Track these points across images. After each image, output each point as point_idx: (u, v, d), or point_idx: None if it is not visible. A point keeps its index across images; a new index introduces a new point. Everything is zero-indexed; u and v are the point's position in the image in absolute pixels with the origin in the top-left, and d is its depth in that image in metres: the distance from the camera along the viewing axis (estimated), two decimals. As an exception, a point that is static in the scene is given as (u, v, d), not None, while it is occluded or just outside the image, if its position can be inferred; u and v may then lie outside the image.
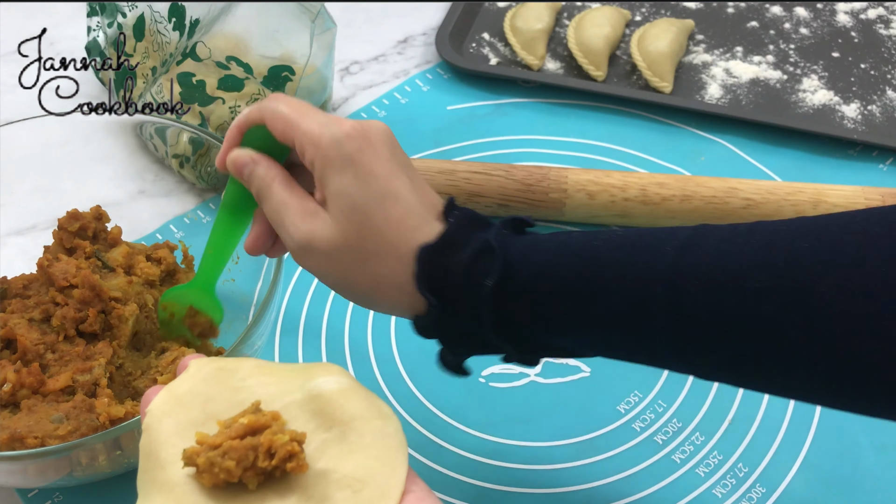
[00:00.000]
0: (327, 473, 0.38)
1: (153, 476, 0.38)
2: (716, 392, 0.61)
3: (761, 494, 0.56)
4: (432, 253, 0.45)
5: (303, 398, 0.40)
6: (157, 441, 0.39)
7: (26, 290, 0.59)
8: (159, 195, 0.72)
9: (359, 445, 0.38)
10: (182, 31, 0.70)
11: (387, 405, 0.40)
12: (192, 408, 0.40)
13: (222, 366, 0.42)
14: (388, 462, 0.38)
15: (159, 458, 0.39)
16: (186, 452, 0.37)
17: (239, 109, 0.70)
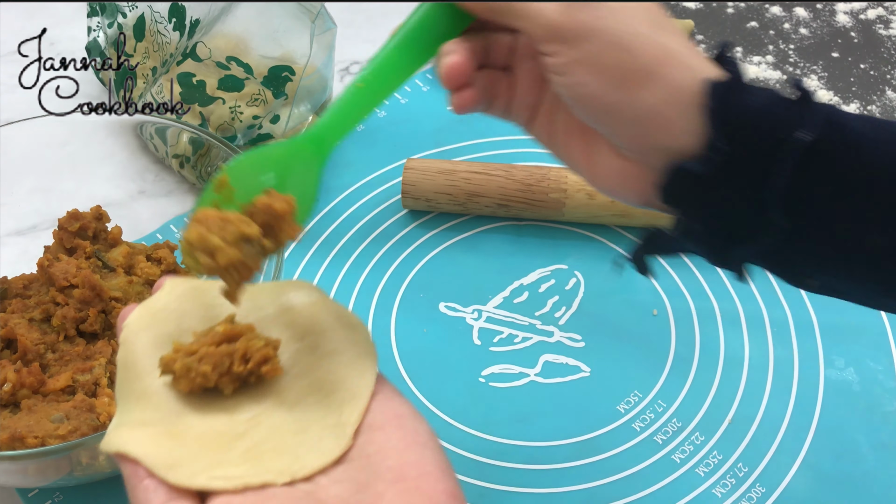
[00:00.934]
0: (300, 379, 0.39)
1: (131, 387, 0.39)
2: (716, 392, 0.61)
3: (761, 494, 0.56)
4: (725, 88, 0.37)
5: (275, 312, 0.41)
6: (134, 353, 0.40)
7: (27, 290, 0.59)
8: (159, 195, 0.72)
9: (330, 353, 0.40)
10: (182, 31, 0.70)
11: (356, 316, 0.41)
12: (167, 322, 0.41)
13: (197, 285, 0.42)
14: (358, 367, 0.39)
15: (136, 368, 0.39)
16: (163, 360, 0.38)
17: (239, 110, 0.70)
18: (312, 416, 0.38)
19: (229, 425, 0.38)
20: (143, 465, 0.36)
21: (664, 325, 0.65)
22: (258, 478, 0.36)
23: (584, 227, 0.71)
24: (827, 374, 0.62)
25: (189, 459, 0.36)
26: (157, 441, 0.37)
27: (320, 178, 0.44)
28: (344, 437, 0.37)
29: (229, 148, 0.60)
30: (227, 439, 0.37)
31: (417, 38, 0.43)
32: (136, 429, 0.37)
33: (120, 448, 0.36)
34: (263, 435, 0.37)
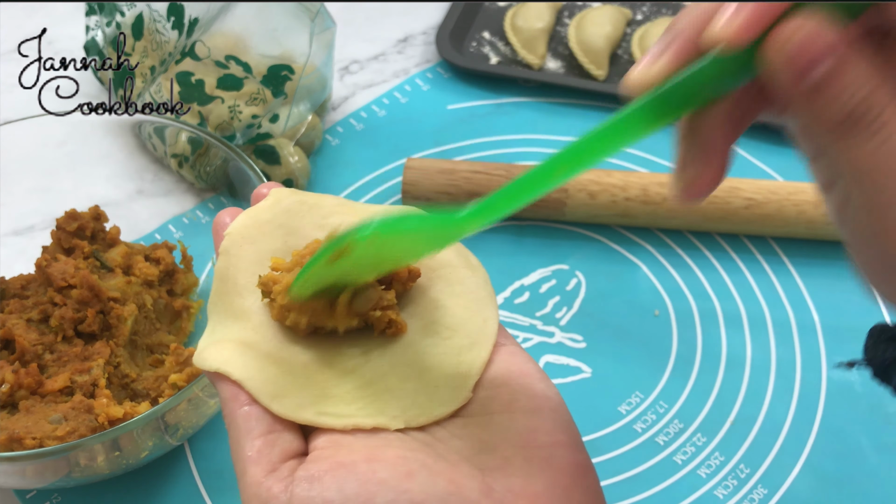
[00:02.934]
0: (416, 318, 0.36)
1: (230, 302, 0.36)
2: (717, 393, 0.61)
3: (763, 495, 0.56)
4: None
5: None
6: (236, 266, 0.37)
7: (24, 290, 0.58)
8: (158, 195, 0.71)
9: (447, 293, 0.37)
10: (181, 30, 0.70)
11: (474, 256, 0.38)
12: (273, 238, 0.38)
13: (304, 199, 0.39)
14: (480, 313, 0.36)
15: (237, 283, 0.36)
16: (262, 280, 0.36)
17: (238, 109, 0.70)
18: (429, 361, 0.35)
19: (338, 358, 0.35)
20: (246, 389, 0.33)
21: (666, 325, 0.65)
22: (370, 419, 0.33)
23: (585, 227, 0.70)
24: (829, 375, 0.62)
25: (295, 390, 0.34)
26: (260, 365, 0.34)
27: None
28: (464, 388, 0.34)
29: (228, 147, 0.60)
30: (337, 373, 0.35)
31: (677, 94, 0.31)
32: (238, 349, 0.35)
33: (221, 367, 0.34)
34: (375, 373, 0.35)
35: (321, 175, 0.75)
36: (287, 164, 0.71)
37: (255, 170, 0.59)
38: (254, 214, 0.38)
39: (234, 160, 0.60)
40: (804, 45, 0.26)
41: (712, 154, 0.32)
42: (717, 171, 0.32)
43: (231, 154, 0.60)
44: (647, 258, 0.68)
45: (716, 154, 0.32)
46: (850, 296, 0.66)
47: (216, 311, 0.37)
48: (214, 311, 0.37)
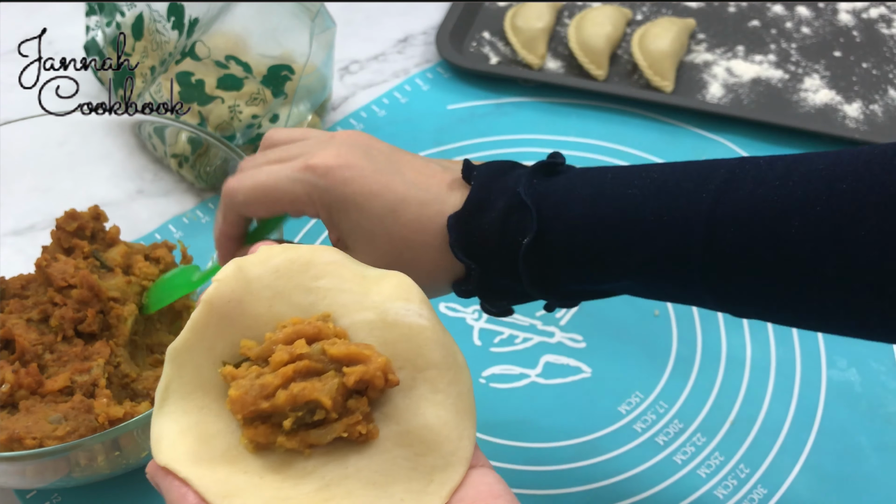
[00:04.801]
0: (389, 423, 0.34)
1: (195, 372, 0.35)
2: (717, 393, 0.61)
3: (763, 495, 0.56)
4: (461, 220, 0.45)
5: (376, 319, 0.36)
6: (215, 328, 0.35)
7: (24, 290, 0.58)
8: (158, 195, 0.71)
9: (429, 402, 0.35)
10: (181, 30, 0.70)
11: (461, 353, 0.37)
12: (258, 301, 0.36)
13: (295, 257, 0.37)
14: (457, 426, 0.35)
15: (211, 349, 0.35)
16: (223, 371, 0.34)
17: (238, 109, 0.70)
18: (396, 475, 0.34)
19: (298, 457, 0.34)
20: (194, 487, 0.33)
21: (665, 325, 0.65)
22: None
23: (584, 226, 0.70)
24: (829, 375, 0.62)
25: (249, 490, 0.33)
26: (213, 464, 0.33)
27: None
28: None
29: (229, 147, 0.60)
30: (295, 473, 0.34)
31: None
32: (192, 443, 0.34)
33: (170, 464, 0.33)
34: (336, 476, 0.34)
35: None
36: (287, 164, 0.71)
37: (255, 170, 0.59)
38: (244, 268, 0.36)
39: (234, 160, 0.60)
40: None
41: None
42: None
43: (231, 154, 0.60)
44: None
45: None
46: (849, 296, 0.66)
47: (180, 377, 0.35)
48: (179, 375, 0.35)
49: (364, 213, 0.45)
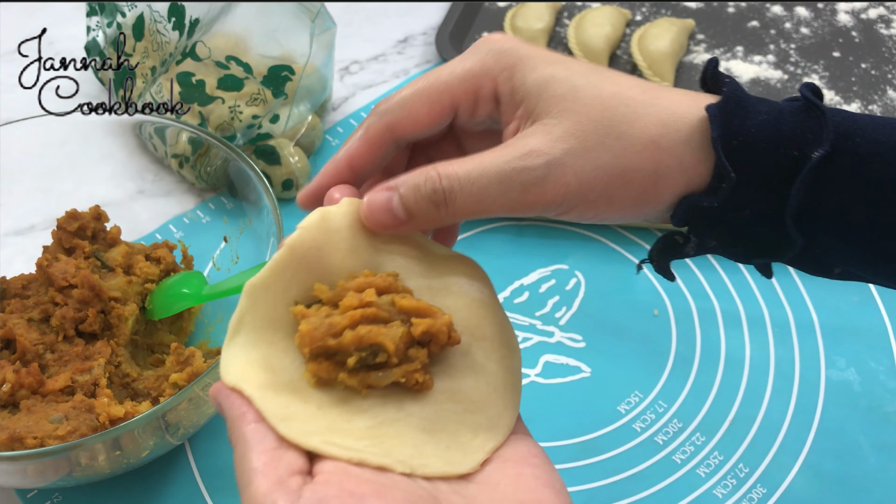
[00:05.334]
0: (443, 379, 0.37)
1: (266, 309, 0.37)
2: (716, 392, 0.61)
3: (762, 495, 0.56)
4: (724, 111, 0.36)
5: (440, 288, 0.38)
6: (293, 271, 0.37)
7: (25, 290, 0.59)
8: (158, 195, 0.71)
9: (481, 368, 0.37)
10: (181, 30, 0.70)
11: (515, 337, 0.39)
12: (335, 251, 0.37)
13: None
14: (504, 398, 0.37)
15: (282, 291, 0.37)
16: (294, 311, 0.36)
17: (238, 109, 0.70)
18: (445, 425, 0.36)
19: (355, 396, 0.36)
20: (257, 407, 0.34)
21: (665, 325, 0.65)
22: (377, 458, 0.34)
23: (584, 227, 0.70)
24: (828, 375, 0.62)
25: (306, 417, 0.35)
26: (276, 389, 0.35)
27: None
28: (473, 459, 0.35)
29: (229, 148, 0.60)
30: (350, 409, 0.35)
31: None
32: (258, 370, 0.35)
33: (238, 384, 0.35)
34: (389, 418, 0.35)
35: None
36: (287, 164, 0.71)
37: (256, 170, 0.59)
38: (327, 217, 0.38)
39: (234, 160, 0.60)
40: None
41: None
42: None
43: (231, 154, 0.60)
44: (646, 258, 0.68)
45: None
46: (849, 296, 0.66)
47: (253, 312, 0.37)
48: (252, 311, 0.37)
49: (558, 66, 0.38)
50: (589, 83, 0.37)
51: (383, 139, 0.40)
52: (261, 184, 0.58)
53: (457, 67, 0.39)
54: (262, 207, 0.59)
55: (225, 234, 0.65)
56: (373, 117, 0.40)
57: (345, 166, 0.40)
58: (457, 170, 0.37)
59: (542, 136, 0.37)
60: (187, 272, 0.62)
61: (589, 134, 0.36)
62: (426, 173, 0.37)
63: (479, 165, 0.37)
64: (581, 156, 0.36)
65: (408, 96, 0.39)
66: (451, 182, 0.37)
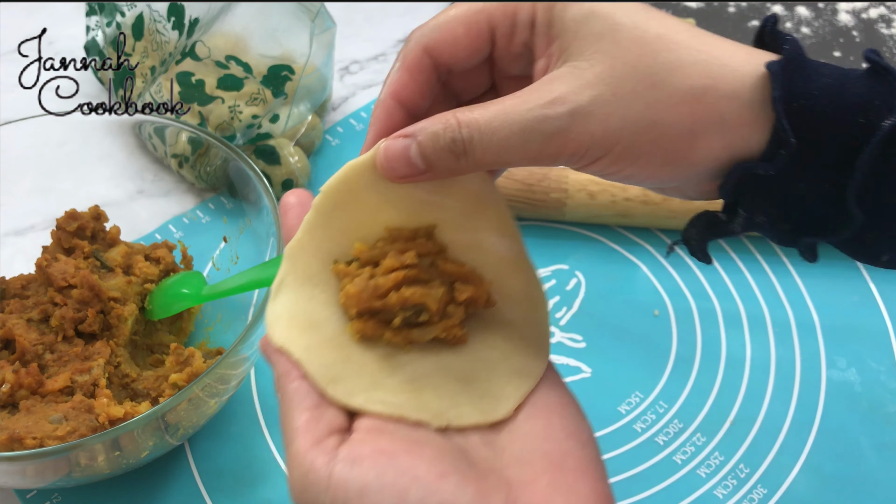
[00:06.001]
0: (475, 332, 0.39)
1: (307, 262, 0.38)
2: (717, 392, 0.61)
3: (763, 495, 0.56)
4: (786, 70, 0.33)
5: (470, 242, 0.39)
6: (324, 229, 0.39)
7: (25, 290, 0.58)
8: (158, 195, 0.71)
9: (510, 320, 0.39)
10: (181, 30, 0.70)
11: (541, 288, 0.40)
12: (366, 206, 0.38)
13: None
14: (532, 345, 0.39)
15: (320, 248, 0.38)
16: (334, 269, 0.38)
17: (238, 109, 0.70)
18: (479, 374, 0.38)
19: (395, 350, 0.38)
20: (304, 369, 0.36)
21: (665, 325, 0.65)
22: (415, 413, 0.36)
23: (585, 227, 0.70)
24: (829, 375, 0.62)
25: (348, 376, 0.36)
26: (320, 349, 0.37)
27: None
28: (504, 407, 0.37)
29: (229, 147, 0.60)
30: (390, 365, 0.37)
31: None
32: (303, 329, 0.37)
33: (284, 345, 0.37)
34: (426, 370, 0.37)
35: (321, 175, 0.75)
36: (287, 164, 0.71)
37: (255, 170, 0.59)
38: (347, 179, 0.39)
39: (234, 160, 0.60)
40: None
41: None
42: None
43: (231, 154, 0.60)
44: (646, 258, 0.68)
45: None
46: (849, 296, 0.66)
47: (293, 269, 0.38)
48: (292, 268, 0.38)
49: (602, 2, 0.35)
50: (632, 21, 0.34)
51: (423, 64, 0.37)
52: (261, 184, 0.58)
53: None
54: (261, 207, 0.59)
55: (224, 234, 0.65)
56: (409, 44, 0.37)
57: (393, 104, 0.37)
58: (477, 118, 0.34)
59: (571, 81, 0.34)
60: (187, 272, 0.61)
61: (622, 80, 0.33)
62: (445, 120, 0.35)
63: (501, 113, 0.34)
64: (609, 104, 0.33)
65: (443, 19, 0.37)
66: (472, 131, 0.34)
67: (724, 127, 0.34)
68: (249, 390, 0.61)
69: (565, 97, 0.34)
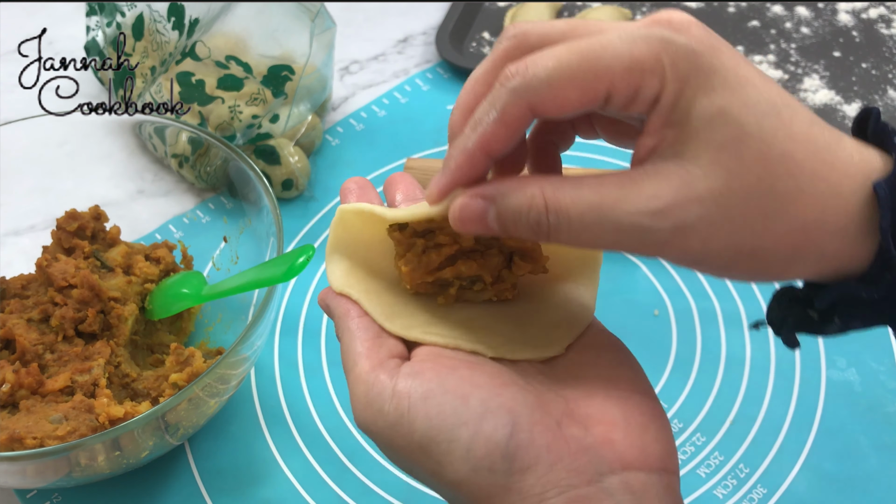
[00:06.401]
0: (524, 288, 0.41)
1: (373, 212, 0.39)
2: (717, 392, 0.61)
3: (762, 495, 0.56)
4: (894, 188, 0.32)
5: None
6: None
7: (25, 290, 0.59)
8: (158, 195, 0.71)
9: (561, 274, 0.41)
10: (181, 30, 0.70)
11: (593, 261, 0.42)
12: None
13: None
14: (582, 296, 0.41)
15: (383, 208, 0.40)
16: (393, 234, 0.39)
17: (238, 109, 0.70)
18: (531, 319, 0.40)
19: (447, 298, 0.40)
20: (364, 308, 0.38)
21: (665, 325, 0.65)
22: (470, 344, 0.38)
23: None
24: (828, 375, 0.62)
25: (406, 315, 0.39)
26: (378, 294, 0.39)
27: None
28: (557, 346, 0.39)
29: (229, 147, 0.60)
30: (443, 310, 0.39)
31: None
32: (360, 275, 0.40)
33: (345, 289, 0.39)
34: (478, 315, 0.39)
35: (321, 175, 0.75)
36: (287, 164, 0.71)
37: (255, 170, 0.59)
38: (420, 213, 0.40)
39: (234, 160, 0.60)
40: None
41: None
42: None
43: (231, 154, 0.60)
44: (646, 258, 0.68)
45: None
46: (849, 296, 0.66)
47: (347, 229, 0.40)
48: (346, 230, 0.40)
49: (737, 97, 0.31)
50: (760, 132, 0.31)
51: (524, 121, 0.33)
52: (260, 184, 0.58)
53: (623, 51, 0.31)
54: (261, 207, 0.59)
55: (225, 234, 0.65)
56: (509, 96, 0.33)
57: (482, 156, 0.34)
58: (568, 207, 0.32)
59: (679, 188, 0.32)
60: (187, 272, 0.62)
61: (735, 202, 0.31)
62: (531, 197, 0.33)
63: (595, 208, 0.32)
64: (716, 225, 0.32)
65: (556, 75, 0.32)
66: (560, 220, 0.32)
67: (825, 257, 0.33)
68: (249, 390, 0.61)
69: (670, 210, 0.31)
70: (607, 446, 0.34)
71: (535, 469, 0.33)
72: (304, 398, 0.61)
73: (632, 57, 0.31)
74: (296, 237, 0.71)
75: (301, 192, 0.73)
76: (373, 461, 0.57)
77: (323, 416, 0.60)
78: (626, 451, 0.34)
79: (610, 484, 0.33)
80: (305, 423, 0.59)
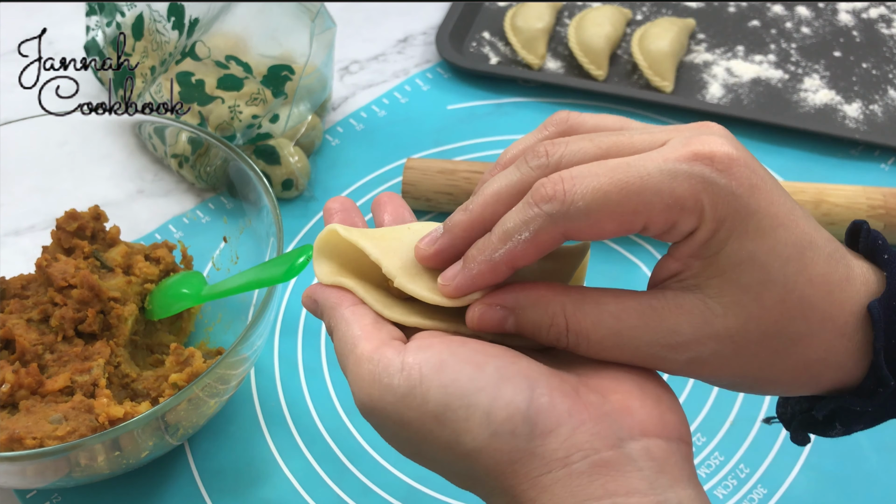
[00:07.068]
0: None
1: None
2: (717, 392, 0.61)
3: (763, 495, 0.56)
4: (888, 309, 0.34)
5: None
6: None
7: (25, 290, 0.59)
8: (158, 195, 0.71)
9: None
10: (181, 30, 0.70)
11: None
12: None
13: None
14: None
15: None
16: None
17: (238, 109, 0.70)
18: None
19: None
20: (360, 296, 0.37)
21: (665, 325, 0.65)
22: (472, 330, 0.37)
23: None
24: (829, 375, 0.62)
25: (401, 306, 0.38)
26: (372, 288, 0.38)
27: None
28: None
29: (229, 147, 0.60)
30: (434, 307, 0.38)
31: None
32: (350, 275, 0.39)
33: (335, 281, 0.38)
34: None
35: (321, 175, 0.75)
36: (287, 164, 0.71)
37: (255, 170, 0.59)
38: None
39: (234, 160, 0.60)
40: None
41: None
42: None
43: (231, 154, 0.60)
44: (646, 258, 0.68)
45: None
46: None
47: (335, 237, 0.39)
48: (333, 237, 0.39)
49: (766, 243, 0.32)
50: (783, 278, 0.33)
51: (555, 244, 0.34)
52: (260, 184, 0.58)
53: (664, 188, 0.32)
54: (261, 207, 0.59)
55: (224, 234, 0.65)
56: (544, 221, 0.33)
57: (506, 269, 0.35)
58: (589, 330, 0.34)
59: (698, 325, 0.33)
60: (187, 272, 0.62)
61: (749, 341, 0.34)
62: (553, 318, 0.35)
63: (615, 334, 0.34)
64: (728, 359, 0.34)
65: (595, 207, 0.32)
66: (579, 340, 0.34)
67: (822, 380, 0.36)
68: (249, 390, 0.61)
69: (688, 345, 0.34)
70: (626, 413, 0.33)
71: (558, 432, 0.32)
72: (304, 398, 0.61)
73: (672, 195, 0.32)
74: (296, 237, 0.71)
75: (301, 192, 0.73)
76: (373, 461, 0.57)
77: (323, 417, 0.60)
78: (645, 419, 0.33)
79: (632, 450, 0.32)
80: (305, 424, 0.59)
